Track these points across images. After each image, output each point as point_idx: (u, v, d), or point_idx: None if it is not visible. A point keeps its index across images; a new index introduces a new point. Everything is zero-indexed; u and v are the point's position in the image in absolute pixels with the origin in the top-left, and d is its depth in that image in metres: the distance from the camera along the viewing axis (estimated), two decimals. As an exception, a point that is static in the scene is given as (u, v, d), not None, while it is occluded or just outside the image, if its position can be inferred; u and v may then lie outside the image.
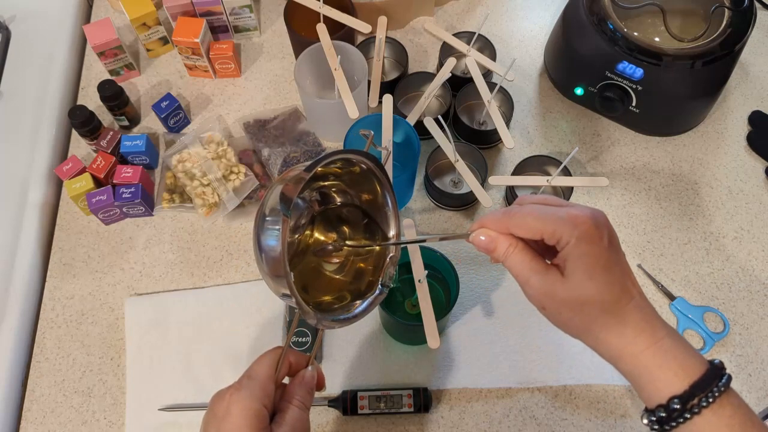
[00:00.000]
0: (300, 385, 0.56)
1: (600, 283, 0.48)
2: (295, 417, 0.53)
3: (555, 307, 0.51)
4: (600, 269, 0.48)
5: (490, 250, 0.52)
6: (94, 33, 0.91)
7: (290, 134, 0.91)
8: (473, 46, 0.90)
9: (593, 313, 0.49)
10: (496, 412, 0.76)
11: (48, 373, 0.79)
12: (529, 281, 0.51)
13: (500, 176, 0.85)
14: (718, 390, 0.46)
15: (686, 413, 0.46)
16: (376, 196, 0.69)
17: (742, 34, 0.82)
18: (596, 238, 0.48)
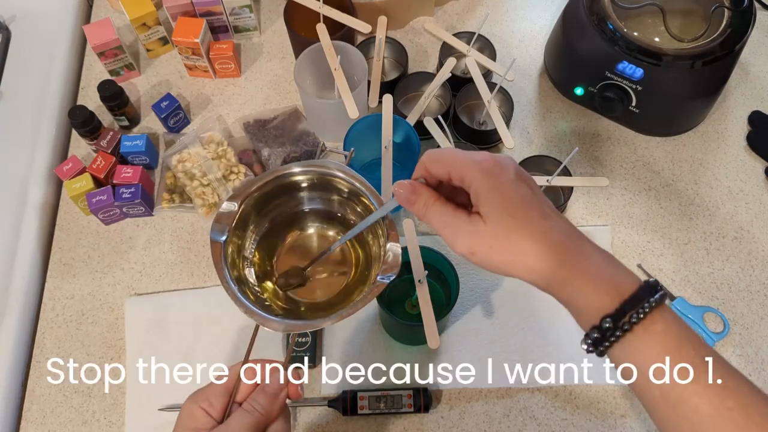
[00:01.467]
0: (259, 391, 0.55)
1: (518, 215, 0.48)
2: (240, 420, 0.52)
3: (484, 250, 0.49)
4: (513, 202, 0.48)
5: (411, 201, 0.53)
6: (94, 33, 0.91)
7: (290, 134, 0.91)
8: (473, 46, 0.90)
9: None
10: (496, 412, 0.76)
11: (48, 373, 0.79)
12: (453, 228, 0.51)
13: None
14: (649, 305, 0.45)
15: (617, 331, 0.45)
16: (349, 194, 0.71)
17: (742, 34, 0.82)
18: (498, 171, 0.49)
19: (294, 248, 0.74)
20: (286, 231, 0.74)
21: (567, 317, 0.82)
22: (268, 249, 0.73)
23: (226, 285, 0.64)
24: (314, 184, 0.72)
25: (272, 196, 0.72)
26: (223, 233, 0.67)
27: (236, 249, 0.69)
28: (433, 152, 0.52)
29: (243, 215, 0.69)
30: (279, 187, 0.71)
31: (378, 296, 0.71)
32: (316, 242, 0.74)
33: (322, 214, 0.74)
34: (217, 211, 0.67)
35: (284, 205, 0.73)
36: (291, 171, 0.70)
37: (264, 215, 0.72)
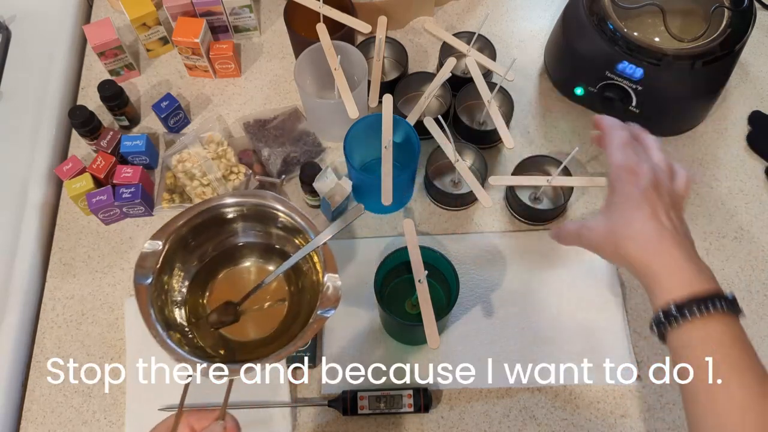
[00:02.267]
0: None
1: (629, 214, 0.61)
2: None
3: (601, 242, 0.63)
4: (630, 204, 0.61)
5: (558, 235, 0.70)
6: (94, 33, 0.91)
7: (290, 134, 0.91)
8: (473, 46, 0.90)
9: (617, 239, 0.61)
10: (496, 412, 0.76)
11: (48, 373, 0.79)
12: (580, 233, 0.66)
13: (500, 176, 0.85)
14: (713, 306, 0.53)
15: (680, 318, 0.54)
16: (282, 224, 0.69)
17: (742, 34, 0.82)
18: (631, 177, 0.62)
19: (227, 284, 0.71)
20: (218, 267, 0.72)
21: (567, 317, 0.82)
22: (200, 287, 0.70)
23: (155, 332, 0.61)
24: (246, 216, 0.70)
25: (200, 230, 0.68)
26: (147, 276, 0.63)
27: (164, 290, 0.66)
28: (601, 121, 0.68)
29: (169, 254, 0.66)
30: (207, 221, 0.68)
31: (378, 296, 0.71)
32: (251, 276, 0.72)
33: (256, 246, 0.72)
34: (140, 252, 0.64)
35: (214, 240, 0.70)
36: (220, 203, 0.67)
37: (193, 251, 0.69)
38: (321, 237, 0.64)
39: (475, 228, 0.86)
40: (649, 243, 0.58)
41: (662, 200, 0.61)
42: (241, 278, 0.72)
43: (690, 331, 0.54)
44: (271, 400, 0.76)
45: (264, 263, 0.73)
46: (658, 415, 0.75)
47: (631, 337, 0.79)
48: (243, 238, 0.72)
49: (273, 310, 0.70)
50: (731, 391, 0.51)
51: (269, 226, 0.71)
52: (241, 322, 0.70)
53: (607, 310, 0.80)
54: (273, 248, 0.72)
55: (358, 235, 0.86)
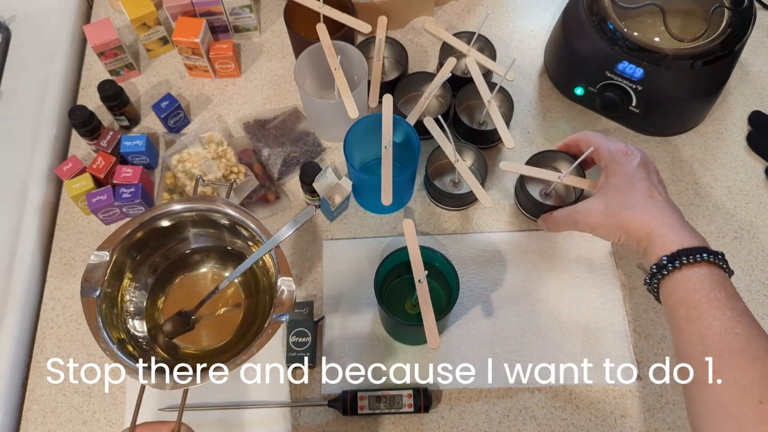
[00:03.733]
0: None
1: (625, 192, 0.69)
2: None
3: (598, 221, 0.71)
4: (625, 183, 0.69)
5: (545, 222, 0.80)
6: (94, 33, 0.91)
7: (290, 134, 0.91)
8: (473, 46, 0.90)
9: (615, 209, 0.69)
10: (496, 412, 0.76)
11: (48, 373, 0.79)
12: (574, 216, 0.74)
13: (513, 163, 0.82)
14: (700, 256, 0.60)
15: (670, 266, 0.61)
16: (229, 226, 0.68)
17: (742, 34, 0.82)
18: (623, 159, 0.70)
19: (183, 291, 0.70)
20: (172, 274, 0.70)
21: (567, 317, 0.82)
22: (155, 295, 0.69)
23: (104, 345, 0.60)
24: (196, 222, 0.68)
25: (148, 239, 0.67)
26: (95, 288, 0.62)
27: (114, 302, 0.65)
28: (585, 134, 0.76)
29: (117, 264, 0.65)
30: (156, 230, 0.67)
31: (378, 296, 0.71)
32: (207, 282, 0.71)
33: (210, 252, 0.71)
34: (87, 264, 0.63)
35: (164, 248, 0.69)
36: (168, 210, 0.66)
37: (144, 260, 0.68)
38: (272, 241, 0.63)
39: (475, 228, 0.86)
40: (650, 211, 0.66)
41: (651, 178, 0.70)
42: (196, 285, 0.71)
43: (677, 278, 0.60)
44: (271, 400, 0.76)
45: (219, 269, 0.72)
46: (658, 415, 0.75)
47: (631, 337, 0.79)
48: (195, 244, 0.71)
49: (229, 316, 0.70)
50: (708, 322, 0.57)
51: (221, 231, 0.69)
52: (197, 330, 0.69)
53: (607, 310, 0.80)
54: (228, 253, 0.71)
55: (358, 235, 0.86)
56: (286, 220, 0.87)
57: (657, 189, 0.69)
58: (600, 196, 0.71)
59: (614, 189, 0.70)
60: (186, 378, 0.60)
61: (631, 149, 0.71)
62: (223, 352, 0.68)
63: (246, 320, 0.70)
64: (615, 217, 0.68)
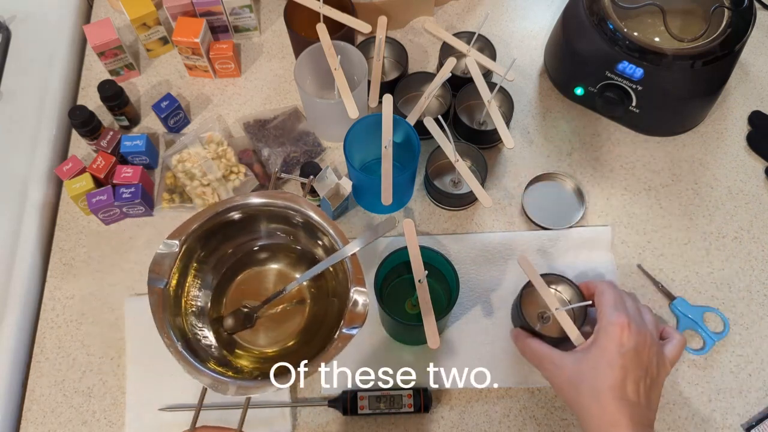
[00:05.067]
0: None
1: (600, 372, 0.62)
2: None
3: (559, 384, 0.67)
4: (604, 362, 0.63)
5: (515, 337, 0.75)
6: (94, 33, 0.91)
7: (290, 134, 0.91)
8: (473, 46, 0.90)
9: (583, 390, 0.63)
10: (496, 412, 0.76)
11: (48, 373, 0.79)
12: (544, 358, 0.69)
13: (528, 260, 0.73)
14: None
15: None
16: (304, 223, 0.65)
17: (742, 34, 0.82)
18: (616, 333, 0.63)
19: (248, 287, 0.67)
20: (236, 270, 0.68)
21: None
22: (218, 290, 0.66)
23: (168, 340, 0.57)
24: (268, 217, 0.65)
25: (219, 231, 0.64)
26: (162, 278, 0.59)
27: (178, 296, 0.62)
28: (602, 286, 0.70)
29: (186, 255, 0.61)
30: (226, 222, 0.64)
31: (378, 296, 0.71)
32: (272, 282, 0.68)
33: (278, 249, 0.68)
34: (156, 252, 0.59)
35: (234, 241, 0.66)
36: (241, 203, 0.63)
37: (210, 254, 0.65)
38: (349, 248, 0.61)
39: (475, 228, 0.86)
40: (610, 410, 0.60)
41: (639, 368, 0.63)
42: (262, 283, 0.69)
43: None
44: (271, 400, 0.76)
45: (288, 268, 0.69)
46: (658, 415, 0.75)
47: (631, 337, 0.79)
48: (265, 241, 0.68)
49: (293, 319, 0.67)
50: None
51: (296, 230, 0.67)
52: (258, 330, 0.67)
53: (607, 310, 0.80)
54: (298, 253, 0.68)
55: (358, 235, 0.86)
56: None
57: (635, 384, 0.62)
58: (576, 360, 0.65)
59: (591, 362, 0.64)
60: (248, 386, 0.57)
61: (630, 329, 0.63)
62: (283, 357, 0.65)
63: (311, 326, 0.68)
64: (575, 392, 0.64)
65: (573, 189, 0.88)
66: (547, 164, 0.91)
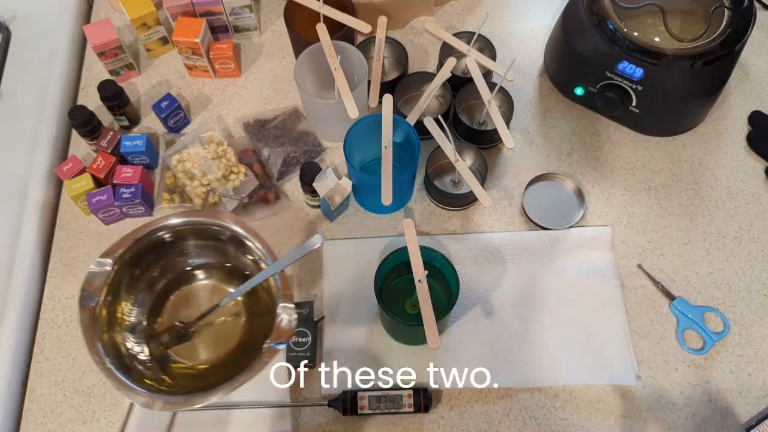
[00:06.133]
0: None
1: None
2: None
3: None
4: None
5: None
6: (94, 33, 0.91)
7: (290, 134, 0.91)
8: (473, 46, 0.90)
9: None
10: (496, 412, 0.76)
11: (48, 373, 0.79)
12: None
13: None
14: None
15: None
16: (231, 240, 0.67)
17: (742, 34, 0.82)
18: None
19: (181, 305, 0.69)
20: (172, 286, 0.69)
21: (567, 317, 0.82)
22: (152, 308, 0.68)
23: (97, 357, 0.58)
24: (196, 234, 0.67)
25: (151, 250, 0.66)
26: (93, 296, 0.60)
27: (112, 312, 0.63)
28: None
29: (119, 273, 0.63)
30: (157, 242, 0.66)
31: (378, 296, 0.71)
32: (207, 296, 0.70)
33: (211, 266, 0.70)
34: (88, 271, 0.60)
35: (164, 259, 0.68)
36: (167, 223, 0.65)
37: (143, 272, 0.67)
38: (277, 265, 0.62)
39: (475, 228, 0.86)
40: None
41: None
42: (197, 299, 0.71)
43: None
44: (271, 400, 0.76)
45: (223, 283, 0.71)
46: (658, 415, 0.75)
47: (631, 337, 0.79)
48: (199, 258, 0.70)
49: (229, 333, 0.69)
50: None
51: (226, 246, 0.68)
52: (195, 345, 0.69)
53: (607, 309, 0.80)
54: (232, 269, 0.70)
55: (358, 235, 0.86)
56: (286, 221, 0.87)
57: None
58: None
59: None
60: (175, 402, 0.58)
61: None
62: (217, 371, 0.67)
63: (246, 340, 0.69)
64: None
65: (573, 189, 0.88)
66: (547, 164, 0.91)
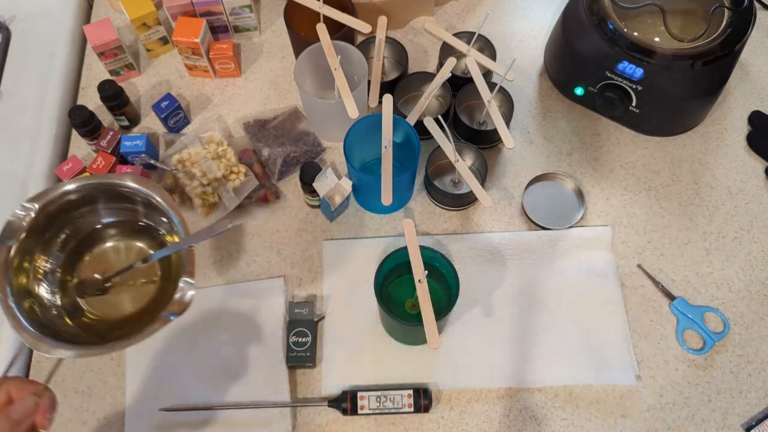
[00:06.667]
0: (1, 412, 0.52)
1: None
2: None
3: None
4: None
5: None
6: (94, 33, 0.91)
7: (290, 134, 0.91)
8: (473, 46, 0.90)
9: None
10: (496, 412, 0.76)
11: (48, 373, 0.79)
12: None
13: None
14: None
15: None
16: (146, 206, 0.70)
17: (742, 34, 0.82)
18: None
19: (100, 261, 0.72)
20: (90, 243, 0.72)
21: (567, 317, 0.82)
22: (71, 261, 0.71)
23: (3, 295, 0.60)
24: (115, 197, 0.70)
25: (75, 205, 0.69)
26: (11, 238, 0.63)
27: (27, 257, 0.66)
28: None
29: (41, 221, 0.65)
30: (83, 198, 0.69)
31: (378, 296, 0.71)
32: (129, 256, 0.73)
33: (130, 228, 0.73)
34: (13, 212, 0.64)
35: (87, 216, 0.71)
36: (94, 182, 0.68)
37: (66, 224, 0.70)
38: (188, 240, 0.65)
39: (475, 228, 0.86)
40: None
41: None
42: (119, 255, 0.73)
43: None
44: (271, 400, 0.76)
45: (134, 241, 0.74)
46: (658, 415, 0.75)
47: (631, 336, 0.79)
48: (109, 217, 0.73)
49: (143, 294, 0.71)
50: None
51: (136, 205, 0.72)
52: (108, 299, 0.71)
53: (607, 309, 0.80)
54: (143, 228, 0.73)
55: (358, 235, 0.86)
56: (285, 220, 0.87)
57: None
58: None
59: None
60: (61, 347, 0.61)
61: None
62: (122, 330, 0.68)
63: (154, 304, 0.71)
64: None
65: (573, 189, 0.88)
66: (547, 164, 0.91)
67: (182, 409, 0.76)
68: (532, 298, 0.81)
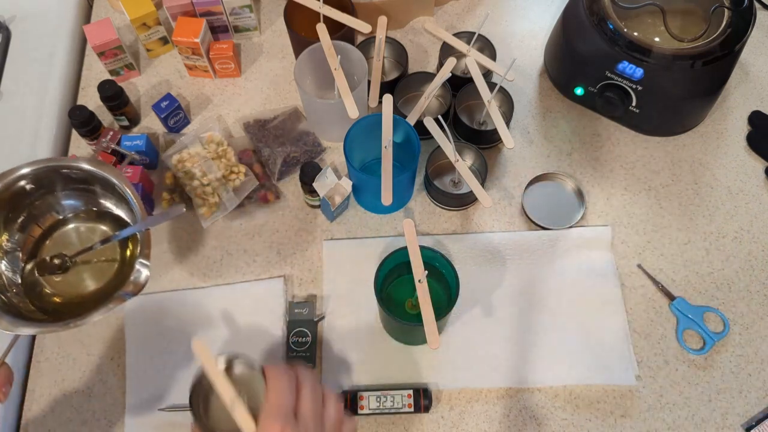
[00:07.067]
0: None
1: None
2: None
3: None
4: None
5: None
6: (94, 33, 0.91)
7: (290, 134, 0.91)
8: (473, 46, 0.90)
9: None
10: (496, 412, 0.76)
11: (48, 373, 0.79)
12: None
13: None
14: None
15: None
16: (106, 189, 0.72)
17: (742, 34, 0.82)
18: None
19: (61, 242, 0.74)
20: (51, 225, 0.74)
21: (567, 317, 0.82)
22: (32, 242, 0.73)
23: None
24: (76, 179, 0.72)
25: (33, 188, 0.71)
26: None
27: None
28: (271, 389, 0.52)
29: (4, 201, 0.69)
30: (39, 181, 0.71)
31: (378, 296, 0.71)
32: (84, 237, 0.75)
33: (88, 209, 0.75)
34: None
35: (47, 198, 0.73)
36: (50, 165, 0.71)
37: (24, 207, 0.72)
38: (144, 223, 0.67)
39: (475, 228, 0.86)
40: None
41: None
42: (80, 236, 0.75)
43: None
44: (271, 400, 0.76)
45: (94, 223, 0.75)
46: (658, 415, 0.75)
47: (631, 336, 0.79)
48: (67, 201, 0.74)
49: (102, 274, 0.72)
50: None
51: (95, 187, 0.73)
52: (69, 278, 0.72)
53: (607, 309, 0.81)
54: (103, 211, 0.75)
55: (358, 235, 0.86)
56: (285, 220, 0.87)
57: None
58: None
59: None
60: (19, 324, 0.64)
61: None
62: (77, 305, 0.70)
63: (111, 284, 0.72)
64: None
65: (573, 189, 0.88)
66: (547, 164, 0.91)
67: (182, 409, 0.76)
68: (532, 298, 0.81)
